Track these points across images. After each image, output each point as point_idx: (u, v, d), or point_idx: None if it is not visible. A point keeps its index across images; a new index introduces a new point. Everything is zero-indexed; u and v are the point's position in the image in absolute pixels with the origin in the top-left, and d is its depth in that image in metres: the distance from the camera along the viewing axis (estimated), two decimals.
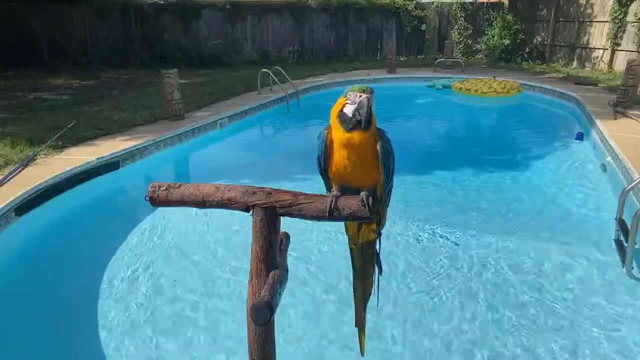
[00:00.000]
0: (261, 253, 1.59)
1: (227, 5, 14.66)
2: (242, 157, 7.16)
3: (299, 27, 15.68)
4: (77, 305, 3.50)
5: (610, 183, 5.55)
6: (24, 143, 5.88)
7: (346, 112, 1.60)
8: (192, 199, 1.66)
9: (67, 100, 9.16)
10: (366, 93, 1.57)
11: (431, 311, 3.35)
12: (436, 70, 13.07)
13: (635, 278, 3.64)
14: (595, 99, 8.99)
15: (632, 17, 11.97)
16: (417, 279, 3.72)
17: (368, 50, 16.59)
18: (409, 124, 9.37)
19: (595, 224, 4.64)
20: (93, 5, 13.87)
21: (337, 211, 1.58)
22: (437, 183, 5.80)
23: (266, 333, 1.58)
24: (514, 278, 3.73)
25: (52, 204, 4.78)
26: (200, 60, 14.27)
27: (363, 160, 1.63)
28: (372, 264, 1.99)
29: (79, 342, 3.17)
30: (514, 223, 4.71)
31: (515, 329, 3.15)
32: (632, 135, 6.49)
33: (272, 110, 9.42)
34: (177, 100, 7.49)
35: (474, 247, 4.20)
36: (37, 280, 3.80)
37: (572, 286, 3.60)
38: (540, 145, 7.49)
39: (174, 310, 3.39)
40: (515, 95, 10.69)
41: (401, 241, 4.29)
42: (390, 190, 1.85)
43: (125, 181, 5.88)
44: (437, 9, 16.35)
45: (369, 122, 1.59)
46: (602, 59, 13.15)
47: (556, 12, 14.38)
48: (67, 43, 13.85)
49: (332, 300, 3.45)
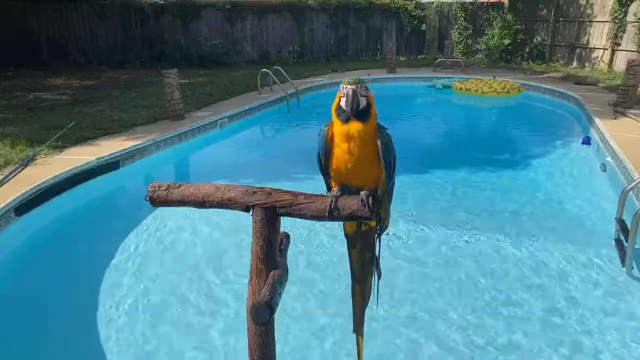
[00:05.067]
0: (261, 253, 1.59)
1: (227, 5, 14.66)
2: (242, 157, 7.16)
3: (299, 27, 15.68)
4: (77, 305, 3.50)
5: (610, 183, 5.55)
6: (24, 143, 5.88)
7: (341, 105, 1.62)
8: (192, 199, 1.66)
9: (67, 100, 9.16)
10: (351, 85, 1.59)
11: (431, 311, 3.35)
12: (436, 70, 13.07)
13: (635, 278, 3.64)
14: (595, 99, 9.00)
15: (632, 17, 11.96)
16: (417, 279, 3.71)
17: (368, 50, 16.59)
18: (409, 124, 9.36)
19: (595, 224, 4.63)
20: (93, 5, 13.88)
21: (337, 211, 1.58)
22: (437, 183, 5.80)
23: (266, 333, 1.58)
24: (514, 277, 3.72)
25: (52, 204, 4.78)
26: (200, 60, 14.27)
27: (363, 156, 1.63)
28: (371, 267, 1.98)
29: (78, 341, 3.17)
30: (514, 222, 4.71)
31: (514, 329, 3.15)
32: (632, 135, 6.49)
33: (272, 110, 9.42)
34: (177, 100, 7.49)
35: (474, 246, 4.20)
36: (37, 280, 3.80)
37: (572, 286, 3.60)
38: (540, 145, 7.49)
39: (173, 310, 3.39)
40: (516, 95, 10.69)
41: (401, 241, 4.28)
42: (392, 189, 1.84)
43: (125, 181, 5.88)
44: (437, 9, 16.34)
45: (361, 113, 1.61)
46: (602, 58, 13.15)
47: (556, 12, 14.37)
48: (67, 43, 13.86)
49: (333, 300, 3.45)
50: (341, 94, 1.63)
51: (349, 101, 1.59)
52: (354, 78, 1.64)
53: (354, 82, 1.61)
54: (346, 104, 1.60)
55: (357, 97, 1.59)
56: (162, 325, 3.24)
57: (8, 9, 13.12)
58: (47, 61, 13.40)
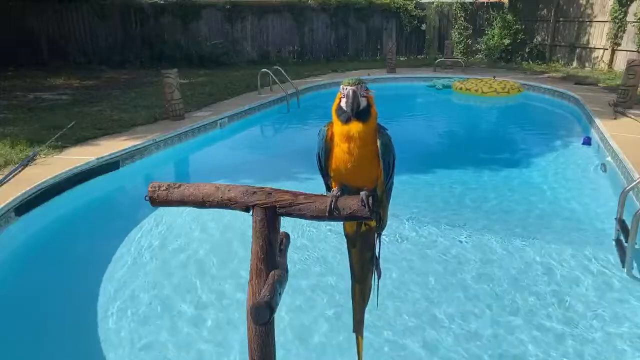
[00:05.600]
0: (261, 253, 1.58)
1: (227, 5, 14.66)
2: (242, 157, 7.16)
3: (299, 27, 15.68)
4: (77, 305, 3.50)
5: (610, 183, 5.55)
6: (24, 143, 5.88)
7: (342, 106, 1.63)
8: (192, 199, 1.66)
9: (67, 100, 9.16)
10: (352, 85, 1.60)
11: (429, 311, 3.35)
12: (436, 70, 13.07)
13: (635, 278, 3.64)
14: (595, 99, 8.99)
15: (632, 17, 11.97)
16: (416, 279, 3.71)
17: (368, 50, 16.60)
18: (409, 124, 9.36)
19: (595, 224, 4.64)
20: (93, 5, 13.88)
21: (337, 211, 1.58)
22: (437, 182, 5.80)
23: (266, 333, 1.58)
24: (513, 277, 3.72)
25: (52, 204, 4.78)
26: (200, 60, 14.27)
27: (363, 156, 1.63)
28: (371, 267, 1.98)
29: (78, 342, 3.17)
30: (513, 222, 4.71)
31: (513, 329, 3.15)
32: (632, 135, 6.49)
33: (272, 110, 9.42)
34: (177, 100, 7.49)
35: (473, 246, 4.20)
36: (37, 280, 3.80)
37: (571, 286, 3.60)
38: (540, 145, 7.49)
39: (173, 310, 3.39)
40: (516, 95, 10.69)
41: (401, 240, 4.28)
42: (391, 189, 1.84)
43: (125, 181, 5.88)
44: (437, 8, 16.35)
45: (361, 113, 1.61)
46: (602, 58, 13.15)
47: (556, 12, 14.37)
48: (67, 43, 13.86)
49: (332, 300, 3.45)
50: (341, 94, 1.64)
51: (349, 102, 1.60)
52: (354, 79, 1.64)
53: (354, 83, 1.61)
54: (346, 104, 1.61)
55: (357, 98, 1.60)
56: (162, 325, 3.24)
57: (8, 9, 13.12)
58: (47, 61, 13.39)
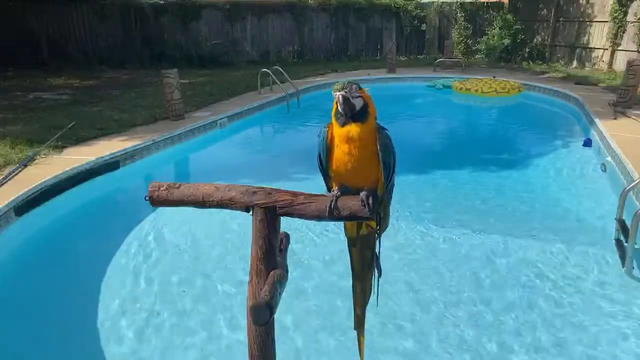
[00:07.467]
0: (261, 253, 1.59)
1: (227, 5, 14.66)
2: (242, 157, 7.16)
3: (299, 27, 15.68)
4: (77, 305, 3.50)
5: (610, 183, 5.55)
6: (24, 143, 5.87)
7: (339, 110, 1.65)
8: (192, 199, 1.66)
9: (67, 100, 9.16)
10: (341, 90, 1.62)
11: (429, 311, 3.35)
12: (436, 70, 13.07)
13: (635, 278, 3.64)
14: (595, 99, 8.99)
15: (632, 17, 11.97)
16: (415, 278, 3.71)
17: (368, 50, 16.60)
18: (409, 124, 9.36)
19: (595, 224, 4.63)
20: (93, 5, 13.88)
21: (337, 211, 1.59)
22: (437, 182, 5.80)
23: (266, 333, 1.58)
24: (513, 277, 3.72)
25: (52, 204, 4.78)
26: (200, 60, 14.28)
27: (363, 156, 1.64)
28: (371, 266, 1.98)
29: (78, 341, 3.17)
30: (513, 222, 4.71)
31: (513, 329, 3.15)
32: (632, 135, 6.49)
33: (272, 110, 9.41)
34: (177, 100, 7.49)
35: (473, 246, 4.20)
36: (37, 280, 3.80)
37: (571, 286, 3.60)
38: (541, 145, 7.49)
39: (173, 310, 3.39)
40: (516, 95, 10.69)
41: (400, 240, 4.28)
42: (392, 190, 1.84)
43: (125, 181, 5.87)
44: (437, 9, 16.35)
45: (358, 114, 1.63)
46: (602, 58, 13.15)
47: (556, 12, 14.38)
48: (67, 43, 13.86)
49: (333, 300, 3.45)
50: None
51: (341, 106, 1.62)
52: (342, 82, 1.66)
53: (343, 87, 1.63)
54: (340, 109, 1.62)
55: (348, 101, 1.62)
56: (162, 325, 3.24)
57: (8, 9, 13.11)
58: (47, 61, 13.39)
